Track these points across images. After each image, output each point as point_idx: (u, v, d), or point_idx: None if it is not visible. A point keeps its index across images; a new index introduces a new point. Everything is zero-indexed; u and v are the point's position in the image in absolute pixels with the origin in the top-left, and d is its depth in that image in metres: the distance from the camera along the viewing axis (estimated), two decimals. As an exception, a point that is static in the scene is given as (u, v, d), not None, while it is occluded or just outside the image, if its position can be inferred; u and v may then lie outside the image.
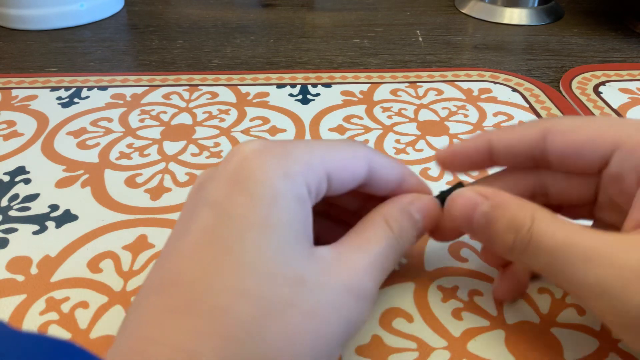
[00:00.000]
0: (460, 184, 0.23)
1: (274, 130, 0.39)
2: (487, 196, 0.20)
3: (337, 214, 0.25)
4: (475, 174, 0.33)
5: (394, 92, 0.44)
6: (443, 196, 0.23)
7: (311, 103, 0.42)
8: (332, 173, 0.20)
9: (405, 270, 0.27)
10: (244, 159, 0.18)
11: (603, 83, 0.46)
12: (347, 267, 0.18)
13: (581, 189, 0.22)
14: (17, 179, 0.34)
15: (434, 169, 0.34)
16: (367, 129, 0.39)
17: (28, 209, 0.31)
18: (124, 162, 0.35)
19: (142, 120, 0.40)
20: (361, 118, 0.40)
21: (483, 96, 0.43)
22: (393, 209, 0.21)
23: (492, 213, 0.20)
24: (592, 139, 0.21)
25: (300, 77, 0.46)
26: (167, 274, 0.17)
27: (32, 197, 0.32)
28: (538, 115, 0.41)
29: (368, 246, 0.20)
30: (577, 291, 0.18)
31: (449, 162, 0.24)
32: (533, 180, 0.23)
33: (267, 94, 0.44)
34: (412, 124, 0.39)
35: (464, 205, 0.21)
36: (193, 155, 0.36)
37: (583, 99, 0.43)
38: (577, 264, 0.18)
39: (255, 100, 0.43)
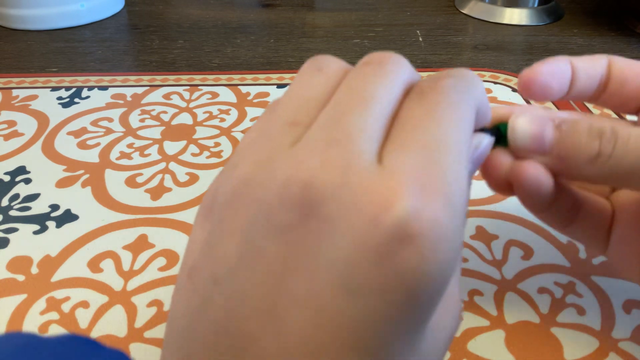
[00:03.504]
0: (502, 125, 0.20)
1: (274, 130, 0.39)
2: (552, 118, 0.19)
3: None
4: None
5: (394, 92, 0.44)
6: (495, 134, 0.19)
7: (311, 103, 0.42)
8: None
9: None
10: (415, 251, 0.13)
11: (603, 83, 0.46)
12: (448, 304, 0.17)
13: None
14: (17, 179, 0.34)
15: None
16: (368, 129, 0.39)
17: (28, 208, 0.31)
18: (125, 162, 0.35)
19: (142, 120, 0.40)
20: (361, 118, 0.40)
21: (483, 96, 0.43)
22: None
23: (567, 125, 0.19)
24: None
25: (300, 77, 0.46)
26: None
27: (33, 197, 0.32)
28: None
29: None
30: None
31: (540, 80, 0.21)
32: None
33: (267, 94, 0.44)
34: (412, 124, 0.39)
35: (532, 123, 0.19)
36: (193, 155, 0.36)
37: (583, 99, 0.43)
38: None
39: (255, 100, 0.43)
